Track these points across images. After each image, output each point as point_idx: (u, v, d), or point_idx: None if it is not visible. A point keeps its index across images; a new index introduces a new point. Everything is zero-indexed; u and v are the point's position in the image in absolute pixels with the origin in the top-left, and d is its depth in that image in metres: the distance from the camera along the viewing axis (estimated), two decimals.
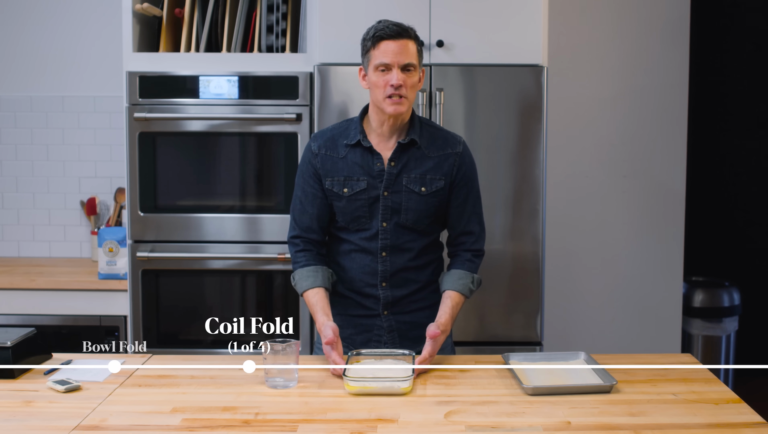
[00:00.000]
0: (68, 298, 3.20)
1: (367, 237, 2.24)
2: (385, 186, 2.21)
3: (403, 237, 2.24)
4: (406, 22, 2.21)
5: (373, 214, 2.23)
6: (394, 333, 2.29)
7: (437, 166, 2.23)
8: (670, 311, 3.71)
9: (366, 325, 2.30)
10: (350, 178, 2.22)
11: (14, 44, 3.72)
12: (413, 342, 2.28)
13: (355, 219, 2.24)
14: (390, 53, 2.13)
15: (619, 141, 3.67)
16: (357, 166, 2.22)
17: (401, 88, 2.13)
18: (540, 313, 2.95)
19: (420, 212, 2.23)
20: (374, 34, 2.15)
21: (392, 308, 2.28)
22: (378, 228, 2.23)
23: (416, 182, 2.22)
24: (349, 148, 2.23)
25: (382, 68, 2.14)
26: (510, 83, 2.90)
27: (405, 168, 2.22)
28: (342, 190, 2.22)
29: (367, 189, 2.21)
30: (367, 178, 2.22)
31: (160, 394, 1.92)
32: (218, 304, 3.15)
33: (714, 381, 1.99)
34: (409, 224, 2.23)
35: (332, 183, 2.23)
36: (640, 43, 3.64)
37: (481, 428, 1.69)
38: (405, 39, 2.15)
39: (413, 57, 2.16)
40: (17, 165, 3.74)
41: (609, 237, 3.70)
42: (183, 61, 3.10)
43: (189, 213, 3.10)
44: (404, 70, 2.14)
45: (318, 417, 1.75)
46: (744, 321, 4.21)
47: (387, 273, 2.25)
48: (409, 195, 2.22)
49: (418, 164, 2.22)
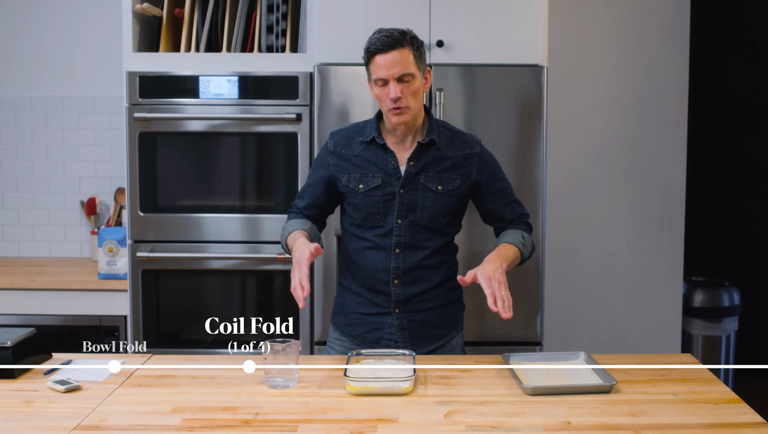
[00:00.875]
0: (68, 298, 3.20)
1: (381, 234, 2.26)
2: (402, 183, 2.23)
3: (418, 235, 2.25)
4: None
5: (388, 210, 2.24)
6: (405, 332, 2.29)
7: (455, 166, 2.26)
8: (670, 311, 3.71)
9: (377, 323, 2.30)
10: (366, 175, 2.25)
11: (14, 44, 3.72)
12: (424, 341, 2.30)
13: (369, 216, 2.26)
14: (383, 68, 2.14)
15: (619, 141, 3.67)
16: (371, 163, 2.25)
17: (400, 99, 2.14)
18: (540, 313, 2.95)
19: (436, 210, 2.24)
20: (368, 48, 2.17)
21: (404, 306, 2.28)
22: (393, 225, 2.24)
23: (433, 180, 2.24)
24: (363, 145, 2.26)
25: (380, 83, 2.16)
26: (510, 83, 2.90)
27: (424, 167, 2.24)
28: (357, 187, 2.24)
29: (382, 185, 2.23)
30: (381, 175, 2.24)
31: (160, 394, 1.92)
32: (218, 304, 3.15)
33: (714, 381, 1.99)
34: (424, 222, 2.25)
35: (348, 179, 2.26)
36: (640, 43, 3.64)
37: (481, 428, 1.69)
38: (397, 49, 2.13)
39: (409, 65, 2.15)
40: (17, 165, 3.74)
41: (609, 237, 3.70)
42: (183, 61, 3.10)
43: (189, 213, 3.10)
44: (401, 81, 2.14)
45: (318, 417, 1.75)
46: (744, 321, 4.21)
47: (399, 270, 2.26)
48: (426, 193, 2.24)
49: (437, 163, 2.25)
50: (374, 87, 2.19)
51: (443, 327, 2.34)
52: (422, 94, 2.22)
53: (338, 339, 2.37)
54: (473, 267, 2.10)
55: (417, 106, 2.20)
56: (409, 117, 2.19)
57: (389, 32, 2.16)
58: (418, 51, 2.19)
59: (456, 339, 2.39)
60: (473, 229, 2.86)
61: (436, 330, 2.33)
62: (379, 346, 2.29)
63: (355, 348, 2.29)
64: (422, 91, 2.21)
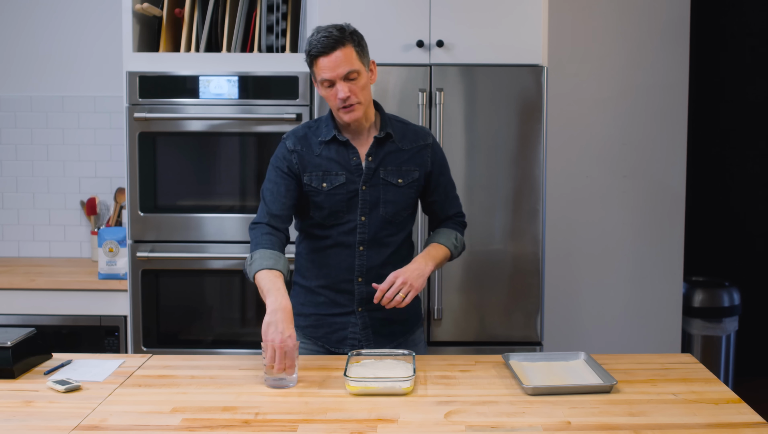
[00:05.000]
0: (68, 298, 3.20)
1: (344, 232, 2.24)
2: (364, 180, 2.22)
3: (383, 231, 2.25)
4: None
5: (351, 208, 2.23)
6: (368, 330, 2.28)
7: (412, 158, 2.27)
8: (670, 311, 3.72)
9: (340, 324, 2.28)
10: (329, 173, 2.22)
11: (14, 44, 3.72)
12: (387, 338, 2.29)
13: (333, 214, 2.23)
14: (327, 69, 2.11)
15: (619, 141, 3.67)
16: (333, 161, 2.22)
17: (349, 97, 2.13)
18: (540, 313, 2.95)
19: (398, 204, 2.24)
20: (309, 51, 2.13)
21: (367, 304, 2.27)
22: (357, 223, 2.23)
23: (393, 174, 2.24)
24: (323, 145, 2.23)
25: (326, 84, 2.14)
26: (510, 83, 2.90)
27: (382, 162, 2.23)
28: (321, 185, 2.22)
29: (346, 183, 2.22)
30: (345, 173, 2.22)
31: (160, 394, 1.92)
32: (218, 304, 3.15)
33: (714, 381, 1.99)
34: (388, 217, 2.24)
35: (311, 178, 2.23)
36: (640, 43, 3.64)
37: (481, 428, 1.69)
38: (339, 48, 2.10)
39: (353, 62, 2.12)
40: (17, 165, 3.74)
41: (609, 237, 3.70)
42: (183, 61, 3.10)
43: (189, 213, 3.10)
44: (347, 80, 2.12)
45: (318, 417, 1.75)
46: (744, 321, 4.21)
47: (363, 268, 2.25)
48: (387, 187, 2.23)
49: (394, 157, 2.25)
50: (321, 88, 2.16)
51: (405, 323, 2.34)
52: (370, 87, 2.20)
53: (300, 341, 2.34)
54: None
55: (366, 100, 2.19)
56: (360, 112, 2.17)
57: (328, 32, 2.11)
58: (359, 46, 2.15)
59: (417, 333, 2.39)
60: (473, 229, 2.87)
61: (398, 326, 2.32)
62: (343, 346, 2.28)
63: (317, 351, 2.29)
64: (370, 84, 2.19)
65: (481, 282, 2.93)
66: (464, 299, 2.93)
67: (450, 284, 2.93)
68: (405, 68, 2.89)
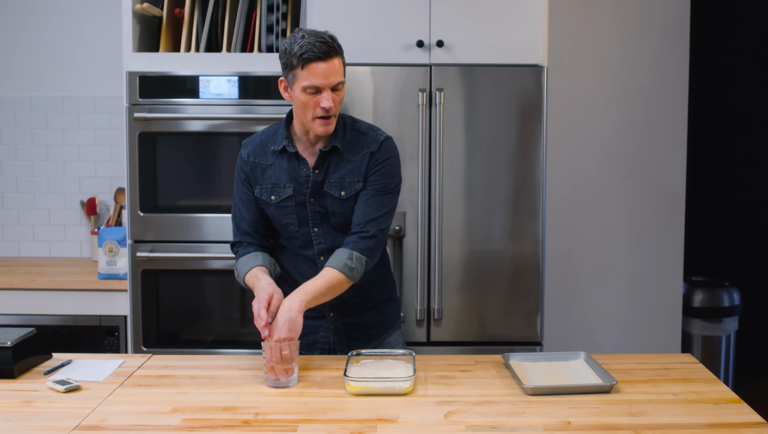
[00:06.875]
0: (68, 298, 3.20)
1: (302, 244, 2.21)
2: (311, 193, 2.17)
3: (339, 239, 2.19)
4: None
5: (301, 220, 2.19)
6: (340, 335, 2.28)
7: (355, 169, 2.16)
8: (670, 311, 3.72)
9: (312, 327, 2.27)
10: (277, 186, 2.18)
11: (14, 44, 3.72)
12: (360, 342, 2.28)
13: (284, 227, 2.21)
14: (320, 76, 2.03)
15: (619, 141, 3.67)
16: (284, 172, 2.18)
17: (331, 108, 2.07)
18: (540, 313, 2.95)
19: (345, 216, 2.18)
20: (301, 54, 2.02)
21: (338, 309, 2.25)
22: (311, 235, 2.20)
23: (335, 187, 2.17)
24: (276, 155, 2.19)
25: (311, 90, 2.05)
26: (510, 83, 2.90)
27: (326, 174, 2.17)
28: (270, 198, 2.19)
29: (294, 195, 2.18)
30: (293, 185, 2.18)
31: (160, 394, 1.92)
32: (218, 304, 3.15)
33: (714, 381, 1.99)
34: (339, 226, 2.20)
35: (260, 190, 2.20)
36: (640, 43, 3.64)
37: (481, 428, 1.69)
38: (333, 57, 2.04)
39: (341, 73, 2.07)
40: (17, 165, 3.74)
41: (609, 237, 3.70)
42: (183, 61, 3.10)
43: (189, 213, 3.10)
44: (333, 90, 2.07)
45: (318, 417, 1.75)
46: (744, 321, 4.21)
47: None
48: (333, 200, 2.17)
49: (338, 168, 2.17)
50: (301, 94, 2.06)
51: (379, 326, 2.32)
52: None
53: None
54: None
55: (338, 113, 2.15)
56: (333, 125, 2.12)
57: (322, 38, 2.04)
58: (343, 57, 2.11)
59: (394, 336, 2.36)
60: (474, 229, 2.87)
61: (372, 330, 2.31)
62: (313, 350, 2.27)
63: None
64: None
65: (481, 282, 2.93)
66: (464, 299, 2.93)
67: (450, 284, 2.93)
68: (405, 68, 2.89)
